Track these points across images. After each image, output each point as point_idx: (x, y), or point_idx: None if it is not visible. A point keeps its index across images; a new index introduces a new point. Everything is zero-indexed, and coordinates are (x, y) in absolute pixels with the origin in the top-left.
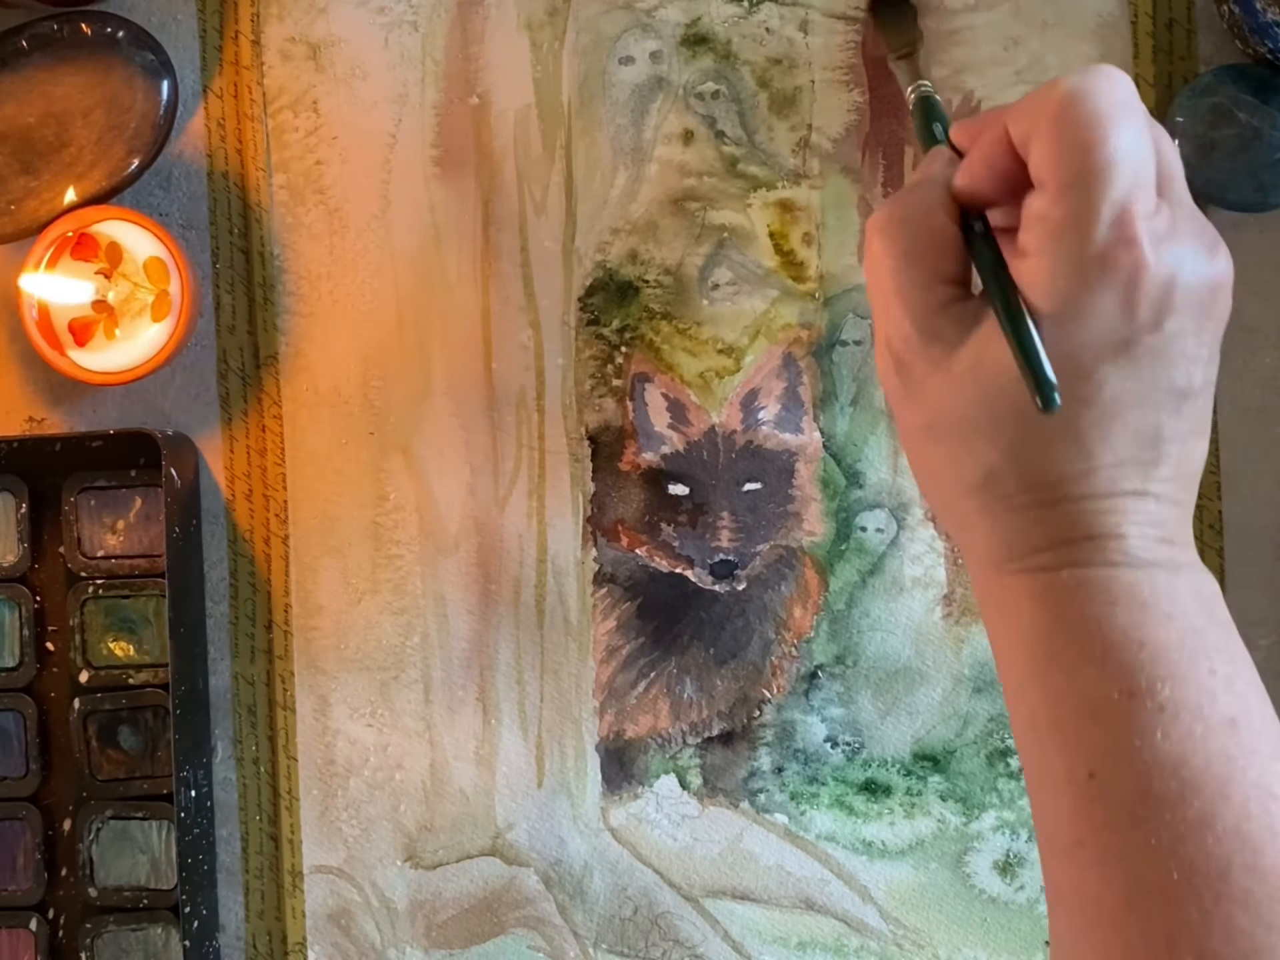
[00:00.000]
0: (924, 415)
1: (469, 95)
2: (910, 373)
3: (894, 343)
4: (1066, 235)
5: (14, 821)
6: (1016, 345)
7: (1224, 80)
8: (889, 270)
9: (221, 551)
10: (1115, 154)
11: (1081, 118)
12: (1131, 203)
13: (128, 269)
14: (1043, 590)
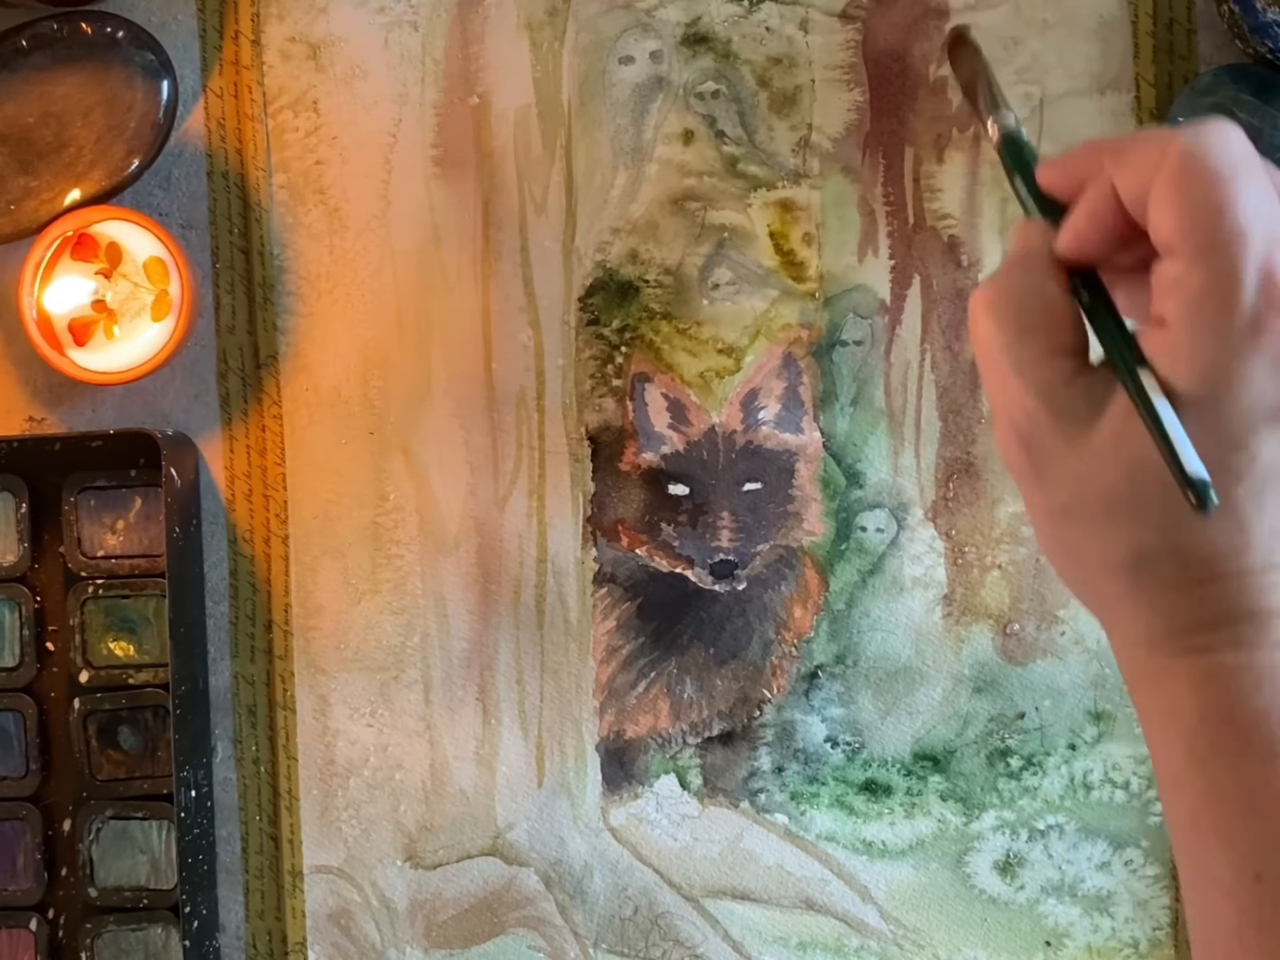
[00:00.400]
0: (1061, 495)
1: (469, 95)
2: (1041, 452)
3: (1019, 422)
4: (1209, 304)
5: (14, 821)
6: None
7: (1224, 80)
8: (1002, 348)
9: (221, 551)
10: (1248, 214)
11: (1205, 177)
12: (1275, 264)
13: (128, 269)
14: (1205, 675)
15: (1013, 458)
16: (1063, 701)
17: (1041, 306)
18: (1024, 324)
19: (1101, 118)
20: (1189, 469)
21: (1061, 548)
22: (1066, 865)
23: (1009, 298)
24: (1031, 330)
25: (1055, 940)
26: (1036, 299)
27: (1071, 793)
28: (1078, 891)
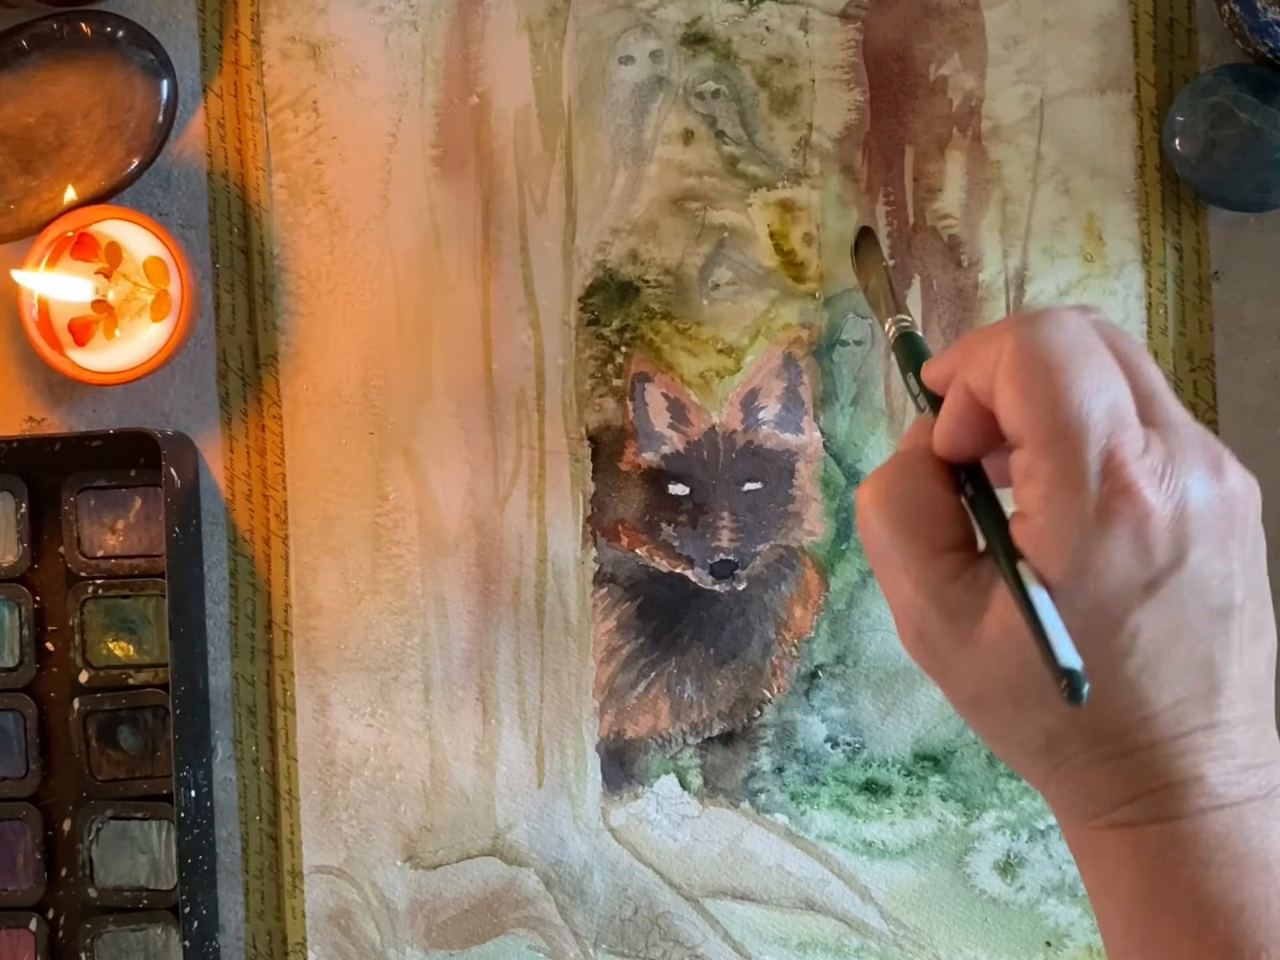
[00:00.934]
0: (966, 688)
1: (469, 95)
2: (937, 649)
3: (914, 620)
4: (1060, 495)
5: (14, 821)
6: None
7: (1224, 80)
8: (888, 545)
9: (221, 551)
10: (1084, 401)
11: (1037, 370)
12: (1117, 447)
13: (128, 269)
14: (1132, 848)
15: (915, 654)
16: None
17: (923, 504)
18: (907, 522)
19: (1101, 118)
20: (1060, 660)
21: (984, 733)
22: (1067, 865)
23: (892, 495)
24: (914, 527)
25: (1055, 940)
26: (918, 497)
27: None
28: (1078, 891)
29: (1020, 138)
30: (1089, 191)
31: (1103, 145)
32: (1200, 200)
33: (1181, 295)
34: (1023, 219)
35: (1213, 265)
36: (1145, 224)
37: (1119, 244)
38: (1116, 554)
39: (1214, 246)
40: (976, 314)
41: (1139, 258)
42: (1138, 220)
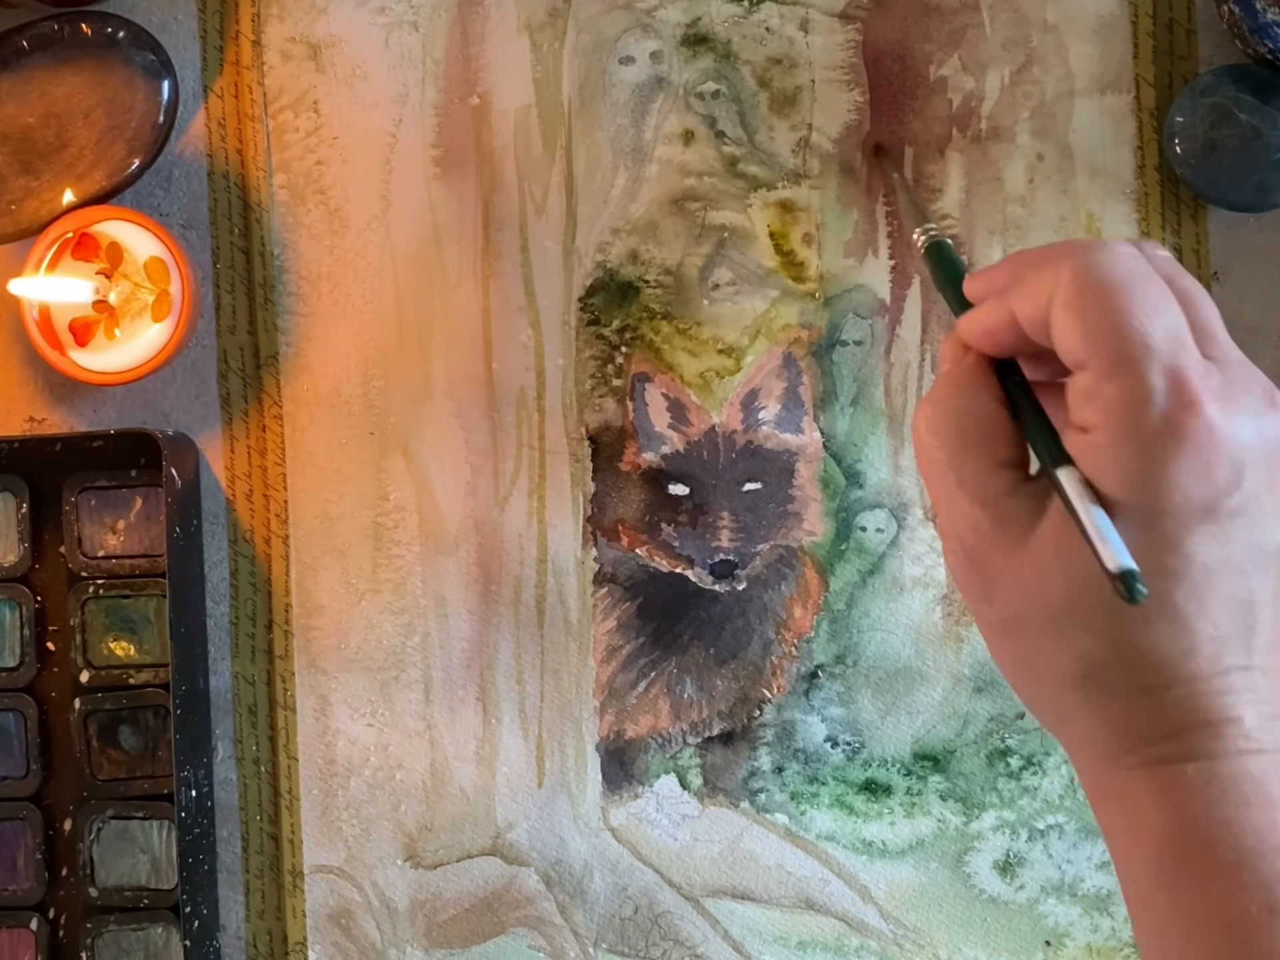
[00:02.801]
0: (1006, 607)
1: (469, 95)
2: (986, 564)
3: (964, 535)
4: (1124, 412)
5: (14, 821)
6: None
7: (1224, 80)
8: (946, 463)
9: (222, 551)
10: (1145, 322)
11: (1099, 294)
12: (1181, 364)
13: (128, 269)
14: (1164, 789)
15: (960, 573)
16: None
17: (979, 421)
18: (965, 440)
19: (1101, 118)
20: (1114, 560)
21: (1013, 662)
22: (1066, 865)
23: (948, 415)
24: (973, 445)
25: (1055, 940)
26: (974, 414)
27: (1071, 792)
28: (1078, 891)
29: (1020, 138)
30: (1088, 192)
31: (1102, 146)
32: (1200, 201)
33: None
34: (1022, 219)
35: (1212, 266)
36: (1145, 224)
37: None
38: (1180, 472)
39: (1214, 247)
40: None
41: None
42: (1137, 221)
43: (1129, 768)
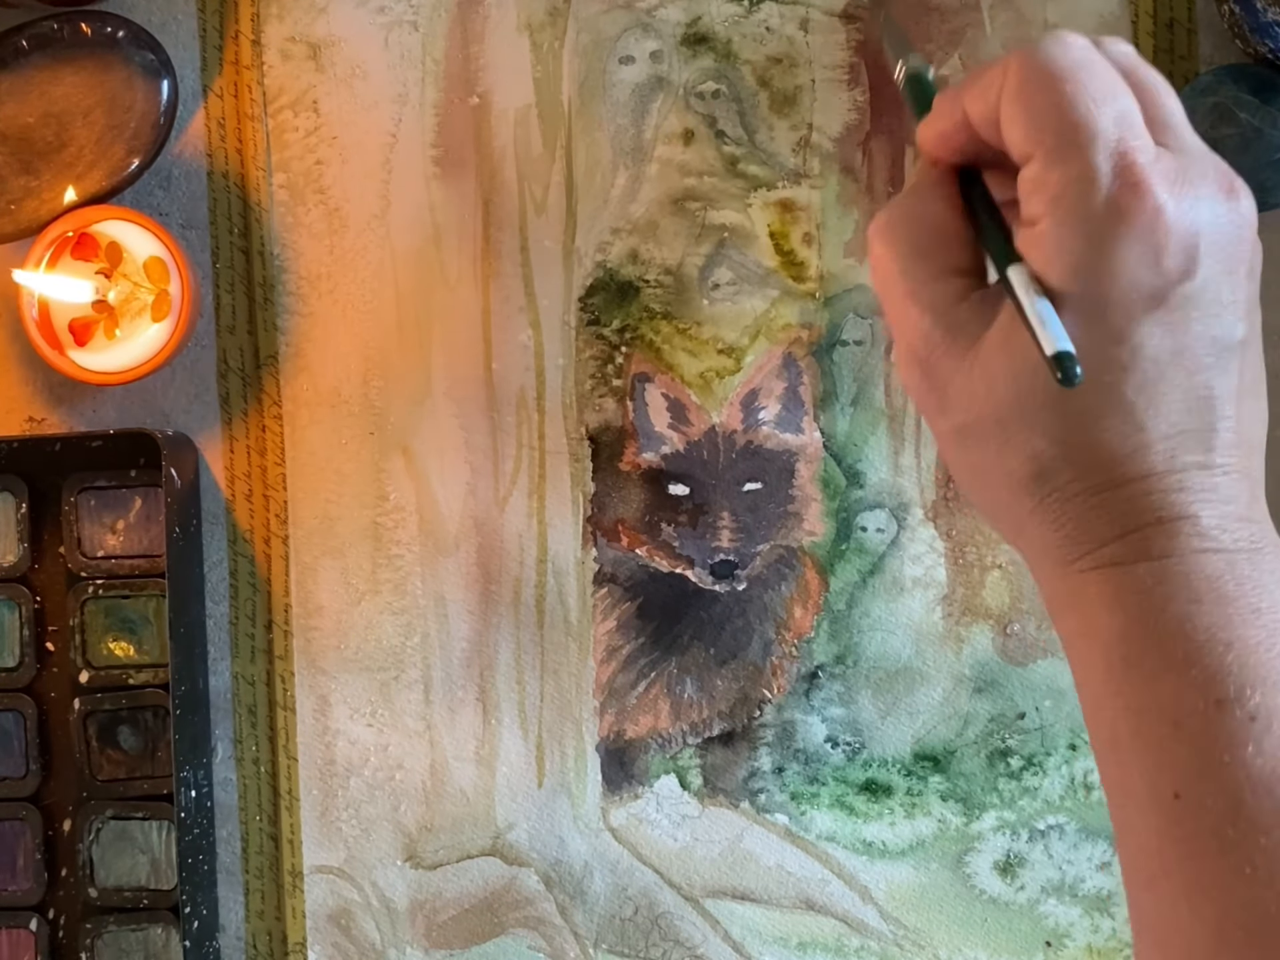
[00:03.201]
0: (958, 415)
1: (469, 95)
2: (936, 372)
3: (915, 345)
4: (1069, 195)
5: (14, 821)
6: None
7: (1224, 80)
8: (898, 272)
9: (221, 551)
10: (1092, 103)
11: (1045, 82)
12: (1127, 147)
13: (128, 269)
14: (1117, 589)
15: (913, 384)
16: (1063, 701)
17: (933, 228)
18: (918, 246)
19: None
20: (1051, 344)
21: (967, 470)
22: (1067, 865)
23: (902, 222)
24: (925, 251)
25: (1055, 940)
26: (928, 221)
27: (1072, 793)
28: (1078, 892)
29: None
30: None
31: None
32: None
33: None
34: None
35: None
36: None
37: None
38: (1125, 257)
39: None
40: None
41: None
42: None
43: (1082, 571)
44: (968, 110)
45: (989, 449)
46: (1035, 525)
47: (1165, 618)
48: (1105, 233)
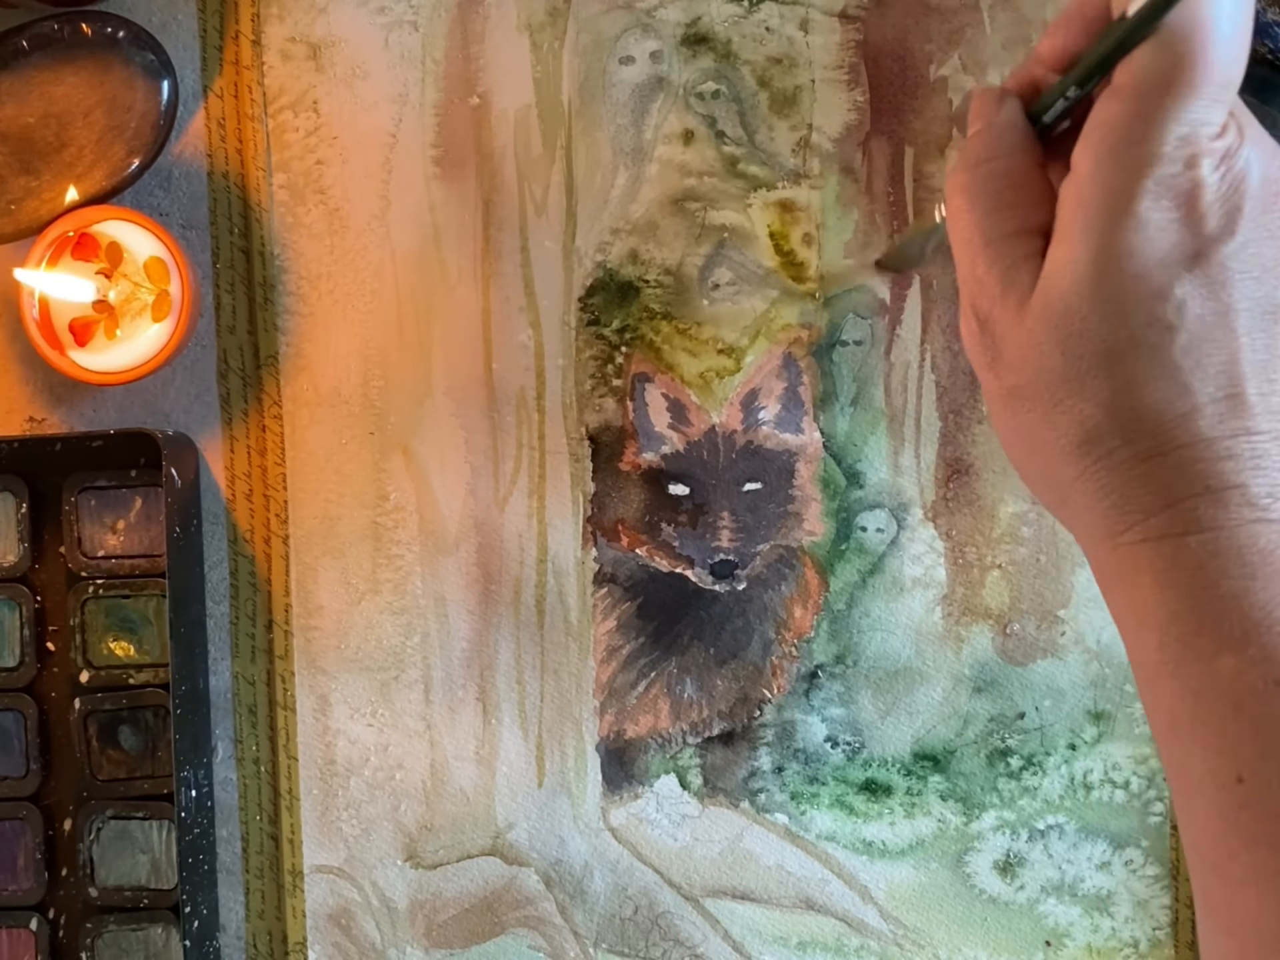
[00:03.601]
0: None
1: (469, 95)
2: (993, 330)
3: (979, 301)
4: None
5: (14, 821)
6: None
7: None
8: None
9: (222, 551)
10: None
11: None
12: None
13: (128, 269)
14: (1169, 563)
15: (972, 341)
16: (1063, 701)
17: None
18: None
19: None
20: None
21: (1015, 434)
22: (1066, 865)
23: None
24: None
25: (1055, 940)
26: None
27: (1071, 793)
28: (1078, 891)
29: None
30: None
31: None
32: None
33: None
34: None
35: None
36: None
37: None
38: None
39: None
40: None
41: None
42: None
43: (1131, 544)
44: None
45: (1037, 412)
46: (1081, 494)
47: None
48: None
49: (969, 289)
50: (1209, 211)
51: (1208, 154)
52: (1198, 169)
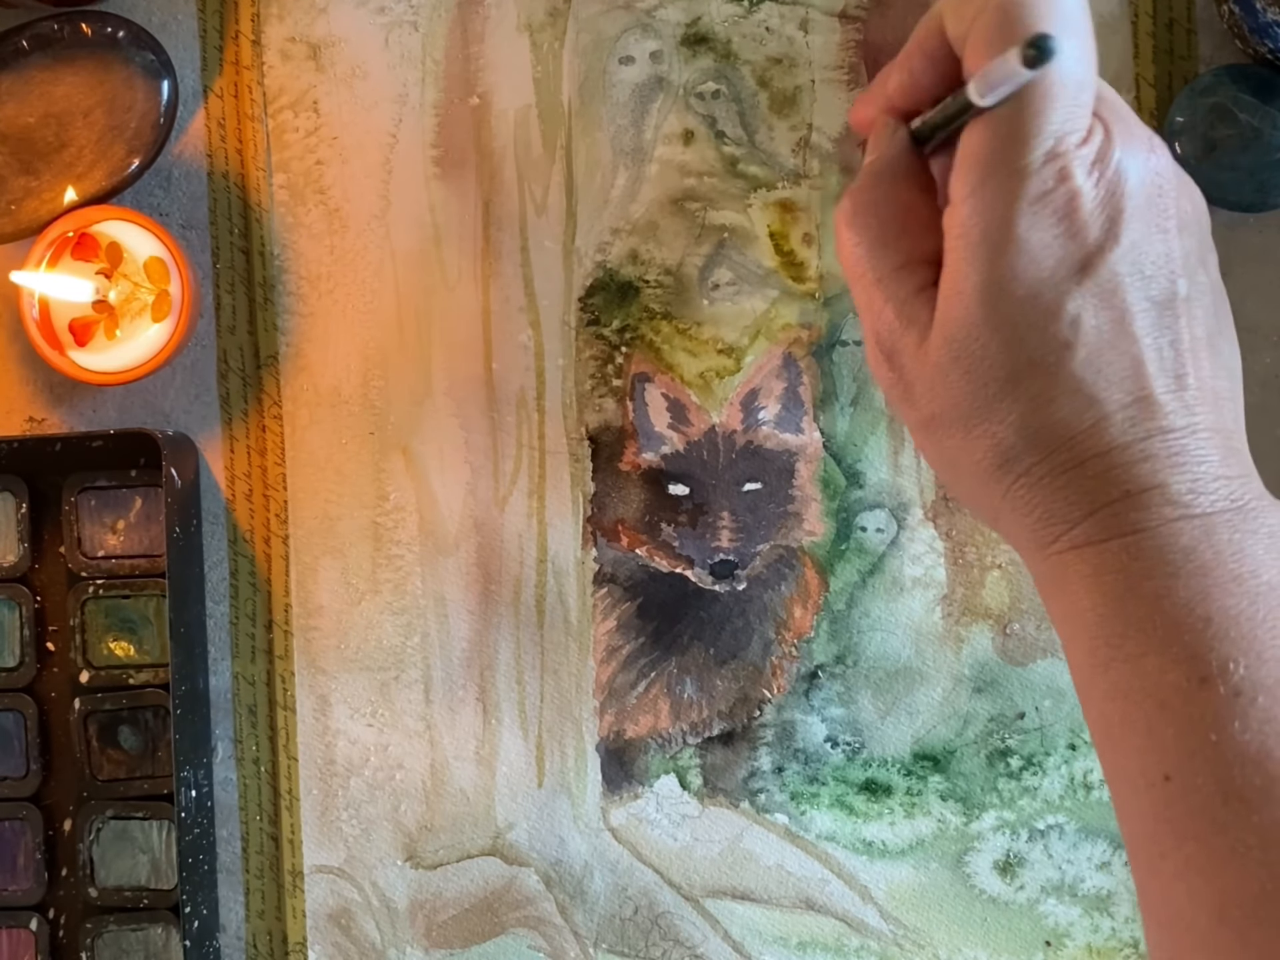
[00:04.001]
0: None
1: (469, 95)
2: (900, 364)
3: (881, 335)
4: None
5: (14, 821)
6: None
7: (1224, 80)
8: (864, 259)
9: (222, 551)
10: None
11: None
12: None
13: (128, 269)
14: (1094, 568)
15: (881, 374)
16: (1063, 701)
17: (898, 212)
18: (884, 233)
19: None
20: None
21: (941, 461)
22: (1066, 865)
23: (868, 208)
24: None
25: (1055, 940)
26: (893, 204)
27: (1071, 793)
28: (1078, 891)
29: None
30: None
31: None
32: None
33: None
34: None
35: None
36: None
37: None
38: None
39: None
40: None
41: None
42: None
43: (1059, 553)
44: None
45: (954, 439)
46: (1009, 511)
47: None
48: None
49: (869, 322)
50: (1090, 220)
51: (1077, 161)
52: (1070, 180)
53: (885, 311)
